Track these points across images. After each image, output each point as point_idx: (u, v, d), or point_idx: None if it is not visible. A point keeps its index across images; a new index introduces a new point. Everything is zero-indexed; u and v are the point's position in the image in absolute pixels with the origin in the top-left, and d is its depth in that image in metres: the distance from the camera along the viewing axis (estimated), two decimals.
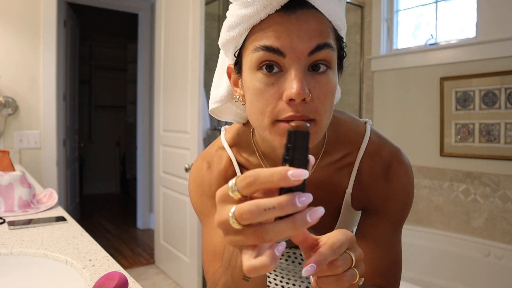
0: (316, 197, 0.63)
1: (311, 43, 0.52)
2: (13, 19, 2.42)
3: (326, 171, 0.67)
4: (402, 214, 0.66)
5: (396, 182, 0.65)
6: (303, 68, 0.52)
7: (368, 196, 0.66)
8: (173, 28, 2.74)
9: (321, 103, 0.53)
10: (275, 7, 0.53)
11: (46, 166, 2.56)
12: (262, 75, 0.54)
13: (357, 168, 0.66)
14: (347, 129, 0.68)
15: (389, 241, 0.65)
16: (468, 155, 2.37)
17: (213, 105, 0.73)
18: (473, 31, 2.39)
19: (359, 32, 2.98)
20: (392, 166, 0.65)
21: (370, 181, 0.66)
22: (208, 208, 0.73)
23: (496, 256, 2.18)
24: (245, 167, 0.72)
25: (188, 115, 2.52)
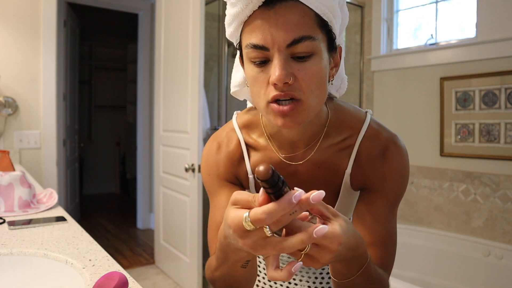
0: (318, 176, 0.75)
1: (288, 37, 0.57)
2: (13, 19, 2.42)
3: (328, 152, 0.73)
4: (397, 193, 0.72)
5: (392, 163, 0.71)
6: (285, 57, 0.58)
7: (366, 175, 0.72)
8: (173, 28, 2.74)
9: (305, 83, 0.59)
10: (256, 4, 0.58)
11: (46, 166, 2.56)
12: (254, 65, 0.61)
13: (356, 150, 0.72)
14: (349, 115, 0.74)
15: (385, 217, 0.71)
16: (468, 155, 2.37)
17: (233, 89, 0.80)
18: (473, 31, 2.39)
19: (359, 32, 2.98)
20: (389, 148, 0.71)
21: (368, 162, 0.71)
22: (215, 187, 0.79)
23: (496, 256, 2.18)
24: (253, 148, 0.77)
25: (188, 115, 2.52)
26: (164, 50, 2.89)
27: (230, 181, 0.78)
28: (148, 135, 4.04)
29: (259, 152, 0.76)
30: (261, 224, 0.45)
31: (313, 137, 0.72)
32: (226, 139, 0.79)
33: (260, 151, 0.76)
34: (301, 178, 0.75)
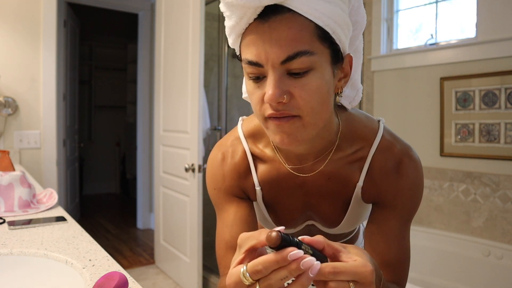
0: (327, 188, 0.72)
1: (282, 53, 0.53)
2: (13, 19, 2.42)
3: (339, 164, 0.70)
4: (412, 208, 0.68)
5: (406, 178, 0.67)
6: (280, 74, 0.55)
7: (379, 190, 0.69)
8: (173, 28, 2.74)
9: (304, 101, 0.55)
10: (250, 17, 0.55)
11: (46, 166, 2.56)
12: (251, 81, 0.59)
13: (369, 163, 0.69)
14: (361, 126, 0.71)
15: (399, 234, 0.67)
16: (468, 155, 2.37)
17: (244, 95, 0.77)
18: (473, 31, 2.39)
19: None
20: (403, 162, 0.68)
21: (381, 176, 0.68)
22: (221, 202, 0.76)
23: (496, 256, 2.18)
24: (260, 159, 0.74)
25: (188, 115, 2.52)
26: (164, 50, 2.89)
27: (237, 195, 0.75)
28: (148, 135, 4.04)
29: (266, 163, 0.73)
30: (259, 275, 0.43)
31: (323, 150, 0.68)
32: (231, 149, 0.75)
33: (267, 162, 0.73)
34: (309, 190, 0.72)
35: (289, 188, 0.73)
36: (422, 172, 0.70)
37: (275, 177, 0.73)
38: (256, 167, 0.74)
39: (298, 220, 0.78)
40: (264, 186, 0.74)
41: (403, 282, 0.69)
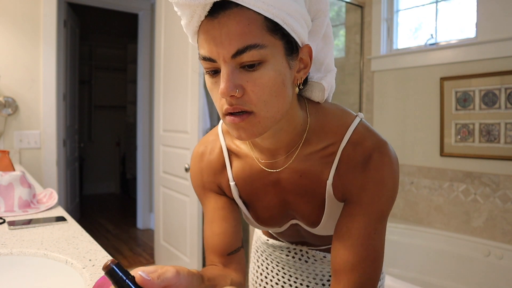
0: (300, 186, 0.72)
1: (231, 48, 0.54)
2: (13, 19, 2.42)
3: (309, 160, 0.68)
4: (380, 205, 0.63)
5: (374, 172, 0.63)
6: (232, 68, 0.55)
7: (345, 185, 0.66)
8: (173, 28, 2.74)
9: (255, 95, 0.56)
10: (200, 15, 0.56)
11: (46, 166, 2.56)
12: (208, 76, 0.59)
13: (338, 158, 0.66)
14: (333, 120, 0.68)
15: (365, 234, 0.62)
16: (468, 155, 2.37)
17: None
18: (473, 31, 2.39)
19: (359, 32, 2.98)
20: (372, 157, 0.63)
21: (348, 170, 0.65)
22: (202, 198, 0.79)
23: (496, 256, 2.18)
24: (235, 155, 0.75)
25: (188, 115, 2.52)
26: (164, 50, 2.89)
27: (214, 191, 0.77)
28: (148, 135, 4.04)
29: (240, 159, 0.74)
30: None
31: (292, 144, 0.67)
32: (210, 145, 0.77)
33: (242, 158, 0.74)
34: (284, 187, 0.72)
35: (264, 185, 0.73)
36: (396, 168, 0.65)
37: (249, 173, 0.73)
38: (231, 163, 0.75)
39: (279, 218, 0.77)
40: (239, 182, 0.75)
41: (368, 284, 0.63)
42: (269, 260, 0.96)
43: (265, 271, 0.97)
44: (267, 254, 0.97)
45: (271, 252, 0.95)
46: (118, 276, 0.45)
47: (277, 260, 0.94)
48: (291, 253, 0.92)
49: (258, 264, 1.00)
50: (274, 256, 0.95)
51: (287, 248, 0.92)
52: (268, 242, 0.96)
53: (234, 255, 0.74)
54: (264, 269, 0.97)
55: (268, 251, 0.97)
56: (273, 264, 0.95)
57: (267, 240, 0.96)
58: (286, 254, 0.92)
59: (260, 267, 0.99)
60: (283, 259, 0.93)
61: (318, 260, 0.89)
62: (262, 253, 0.98)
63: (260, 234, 0.99)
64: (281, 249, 0.93)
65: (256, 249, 1.01)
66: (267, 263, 0.96)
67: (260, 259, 0.99)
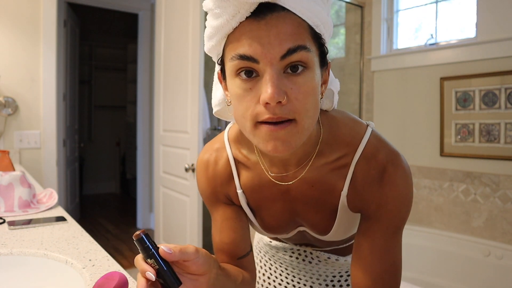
0: (311, 196, 0.68)
1: (282, 48, 0.52)
2: (13, 19, 2.42)
3: (321, 171, 0.67)
4: (398, 219, 0.64)
5: (391, 187, 0.63)
6: (277, 71, 0.53)
7: (363, 200, 0.65)
8: (173, 28, 2.74)
9: (299, 103, 0.53)
10: (244, 15, 0.53)
11: (46, 166, 2.56)
12: (240, 81, 0.55)
13: (352, 170, 0.65)
14: (345, 130, 0.67)
15: (384, 247, 0.63)
16: (468, 155, 2.37)
17: (215, 108, 0.74)
18: (473, 31, 2.39)
19: (359, 32, 2.98)
20: (387, 171, 0.63)
21: (364, 185, 0.64)
22: (209, 206, 0.78)
23: (496, 256, 2.18)
24: (243, 164, 0.73)
25: (188, 115, 2.52)
26: (164, 50, 2.89)
27: (222, 201, 0.76)
28: (148, 135, 4.04)
29: (249, 169, 0.72)
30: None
31: (304, 156, 0.66)
32: (215, 154, 0.75)
33: (251, 168, 0.72)
34: (293, 196, 0.71)
35: (272, 195, 0.71)
36: (410, 180, 0.65)
37: (258, 183, 0.71)
38: (239, 173, 0.73)
39: (287, 226, 0.76)
40: (247, 191, 0.73)
41: None
42: (272, 260, 0.96)
43: (268, 272, 0.97)
44: (270, 255, 0.96)
45: (274, 253, 0.95)
46: (145, 245, 0.52)
47: (281, 261, 0.93)
48: (294, 254, 0.91)
49: (260, 265, 0.99)
50: (277, 257, 0.94)
51: (290, 249, 0.91)
52: (271, 243, 0.95)
53: (244, 259, 0.75)
54: (267, 269, 0.97)
55: (271, 252, 0.96)
56: (276, 265, 0.95)
57: (270, 242, 0.95)
58: (289, 255, 0.91)
59: (263, 267, 0.98)
60: (286, 260, 0.92)
61: (323, 261, 0.88)
62: (265, 254, 0.98)
63: (262, 236, 0.98)
64: (285, 250, 0.92)
65: (259, 250, 1.01)
66: (270, 264, 0.96)
67: (263, 260, 0.99)
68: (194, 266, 0.54)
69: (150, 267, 0.51)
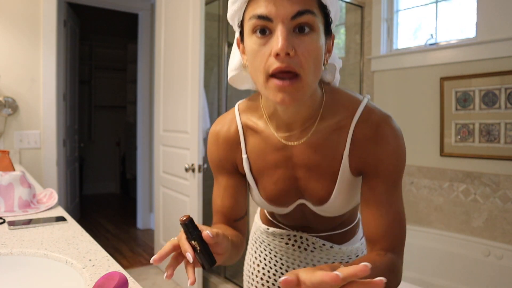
0: (314, 160, 0.76)
1: (293, 9, 0.61)
2: (13, 19, 2.42)
3: (324, 133, 0.74)
4: (395, 173, 0.72)
5: (385, 144, 0.71)
6: (287, 29, 0.61)
7: (363, 158, 0.73)
8: (173, 28, 2.74)
9: (305, 59, 0.62)
10: None
11: (46, 166, 2.56)
12: (256, 38, 0.64)
13: (352, 131, 0.72)
14: (345, 97, 0.76)
15: (387, 199, 0.71)
16: (468, 155, 2.37)
17: (231, 73, 0.84)
18: (473, 31, 2.39)
19: (359, 32, 2.98)
20: (381, 128, 0.71)
21: (362, 145, 0.72)
22: (215, 173, 0.87)
23: (496, 256, 2.18)
24: (252, 130, 0.81)
25: (188, 115, 2.52)
26: (164, 50, 2.89)
27: (228, 170, 0.84)
28: (148, 135, 4.04)
29: (256, 134, 0.80)
30: None
31: (308, 119, 0.74)
32: (227, 124, 0.83)
33: (258, 133, 0.80)
34: (296, 163, 0.77)
35: (275, 160, 0.78)
36: (402, 138, 0.73)
37: (263, 147, 0.79)
38: (246, 140, 0.81)
39: (287, 196, 0.81)
40: (252, 156, 0.81)
41: (397, 249, 0.71)
42: (267, 250, 0.97)
43: (262, 262, 0.98)
44: (266, 244, 0.98)
45: (270, 241, 0.97)
46: (191, 229, 0.60)
47: (276, 250, 0.95)
48: (291, 241, 0.93)
49: (255, 255, 1.01)
50: (273, 245, 0.96)
51: (287, 235, 0.94)
52: (268, 230, 0.97)
53: (239, 222, 0.86)
54: (262, 260, 0.98)
55: (267, 241, 0.98)
56: (271, 255, 0.96)
57: (267, 229, 0.97)
58: (286, 242, 0.94)
59: (257, 258, 1.00)
60: (282, 248, 0.94)
61: (317, 248, 0.91)
62: (261, 244, 0.99)
63: (260, 224, 1.01)
64: (281, 237, 0.94)
65: (255, 241, 1.02)
66: (265, 254, 0.98)
67: (258, 250, 1.00)
68: (219, 247, 0.65)
69: (191, 249, 0.59)
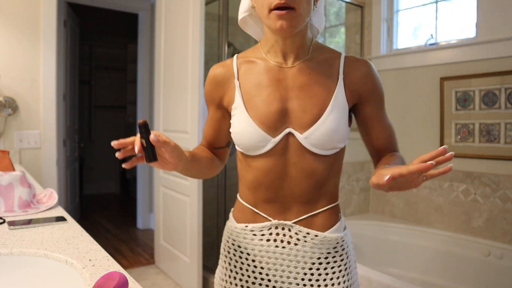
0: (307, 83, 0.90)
1: None
2: (13, 19, 2.42)
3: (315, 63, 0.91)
4: (383, 98, 0.95)
5: (374, 76, 0.92)
6: None
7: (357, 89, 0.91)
8: (173, 28, 2.74)
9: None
10: None
11: (46, 166, 2.56)
12: None
13: (342, 66, 0.90)
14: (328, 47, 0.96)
15: (384, 119, 0.96)
16: (468, 155, 2.37)
17: (241, 16, 0.98)
18: (473, 31, 2.39)
19: (359, 32, 2.98)
20: (367, 64, 0.92)
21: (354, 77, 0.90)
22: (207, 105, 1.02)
23: (496, 256, 2.18)
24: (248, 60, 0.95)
25: (188, 115, 2.52)
26: (164, 50, 2.89)
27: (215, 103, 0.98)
28: None
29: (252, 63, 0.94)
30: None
31: (302, 49, 0.91)
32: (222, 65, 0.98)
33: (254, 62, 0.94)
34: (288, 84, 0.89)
35: (268, 80, 0.90)
36: None
37: (257, 71, 0.92)
38: (239, 68, 0.95)
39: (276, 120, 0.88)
40: (243, 82, 0.93)
41: (398, 149, 0.99)
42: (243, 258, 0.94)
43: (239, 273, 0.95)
44: (242, 249, 0.94)
45: (248, 244, 0.93)
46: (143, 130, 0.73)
47: (255, 253, 0.92)
48: (272, 235, 0.91)
49: (230, 268, 0.97)
50: (251, 247, 0.93)
51: (268, 229, 0.91)
52: (246, 228, 0.93)
53: (220, 150, 1.04)
54: (239, 271, 0.95)
55: (244, 245, 0.94)
56: (248, 261, 0.93)
57: (245, 227, 0.94)
58: (267, 238, 0.91)
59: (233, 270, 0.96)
60: (262, 248, 0.91)
61: (301, 240, 0.89)
62: (236, 252, 0.96)
63: (235, 226, 0.97)
64: (262, 233, 0.91)
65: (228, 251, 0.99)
66: (241, 262, 0.94)
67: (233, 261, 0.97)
68: (168, 155, 0.78)
69: (139, 144, 0.74)
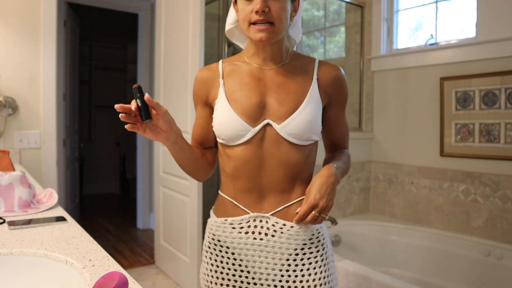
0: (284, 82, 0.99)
1: None
2: (13, 19, 2.42)
3: (291, 67, 1.01)
4: (346, 101, 1.08)
5: (343, 81, 1.04)
6: None
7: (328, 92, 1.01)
8: (173, 28, 2.74)
9: (276, 14, 0.91)
10: None
11: (46, 166, 2.56)
12: (245, 2, 0.94)
13: (316, 70, 1.01)
14: (303, 54, 1.08)
15: (343, 119, 1.08)
16: (468, 155, 2.37)
17: (228, 27, 1.08)
18: (473, 31, 2.39)
19: (359, 32, 2.98)
20: (338, 70, 1.03)
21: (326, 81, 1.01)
22: (194, 105, 1.10)
23: (496, 256, 2.18)
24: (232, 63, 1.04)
25: (188, 115, 2.52)
26: (164, 50, 2.89)
27: (202, 102, 1.06)
28: None
29: (236, 65, 1.03)
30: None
31: (280, 57, 1.01)
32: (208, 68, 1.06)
33: (237, 65, 1.03)
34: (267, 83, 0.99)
35: (250, 80, 1.00)
36: None
37: (239, 71, 1.02)
38: (224, 70, 1.03)
39: (255, 111, 0.96)
40: (228, 81, 1.01)
41: (347, 144, 1.12)
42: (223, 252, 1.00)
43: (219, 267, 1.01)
44: (221, 244, 1.01)
45: (227, 237, 0.99)
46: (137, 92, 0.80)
47: (234, 245, 0.99)
48: (250, 228, 0.97)
49: (211, 262, 1.03)
50: (230, 240, 0.99)
51: (246, 221, 0.97)
52: (226, 222, 1.00)
53: (208, 150, 1.10)
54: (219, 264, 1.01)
55: (223, 238, 1.00)
56: (228, 254, 1.00)
57: (225, 220, 1.00)
58: (246, 231, 0.97)
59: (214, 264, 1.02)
60: (241, 240, 0.98)
61: (278, 231, 0.96)
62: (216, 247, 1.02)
63: (215, 220, 1.03)
64: (241, 225, 0.98)
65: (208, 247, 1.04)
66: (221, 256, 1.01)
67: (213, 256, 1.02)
68: (160, 121, 0.87)
69: (135, 104, 0.80)
